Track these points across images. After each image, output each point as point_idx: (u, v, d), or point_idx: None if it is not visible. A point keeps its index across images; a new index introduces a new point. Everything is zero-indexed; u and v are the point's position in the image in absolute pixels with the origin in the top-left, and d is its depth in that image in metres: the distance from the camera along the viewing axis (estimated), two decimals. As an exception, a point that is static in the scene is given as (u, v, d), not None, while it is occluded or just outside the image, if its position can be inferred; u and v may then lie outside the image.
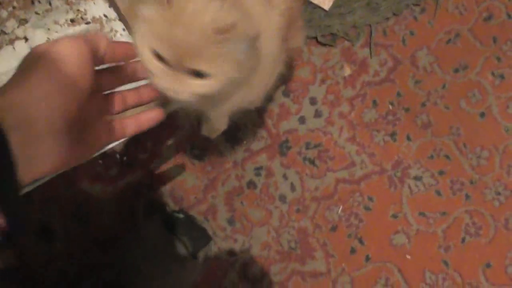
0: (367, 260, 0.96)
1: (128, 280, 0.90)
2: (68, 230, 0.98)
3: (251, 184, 0.97)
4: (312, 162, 0.99)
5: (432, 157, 0.99)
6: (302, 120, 1.00)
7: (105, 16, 1.02)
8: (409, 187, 0.98)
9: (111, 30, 1.04)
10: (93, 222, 0.99)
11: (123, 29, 1.03)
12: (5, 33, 1.03)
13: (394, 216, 0.97)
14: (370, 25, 1.01)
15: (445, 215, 0.98)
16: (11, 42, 1.03)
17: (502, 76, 1.02)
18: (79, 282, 0.95)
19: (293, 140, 0.99)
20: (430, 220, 0.97)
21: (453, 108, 1.00)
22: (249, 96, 0.61)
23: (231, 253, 0.98)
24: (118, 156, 1.01)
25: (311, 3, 0.99)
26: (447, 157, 0.99)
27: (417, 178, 0.99)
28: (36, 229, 0.99)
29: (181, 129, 0.98)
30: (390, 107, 1.00)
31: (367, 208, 0.98)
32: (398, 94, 1.01)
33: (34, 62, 0.40)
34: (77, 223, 0.97)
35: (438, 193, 0.98)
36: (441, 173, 0.99)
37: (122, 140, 0.80)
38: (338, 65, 1.01)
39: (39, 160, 0.38)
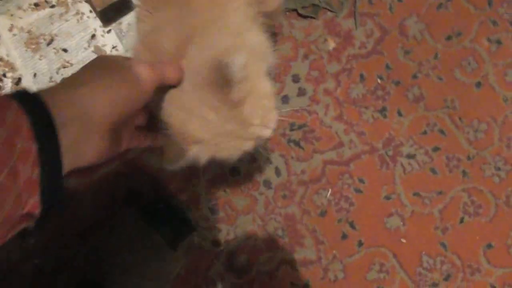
0: (360, 246, 0.90)
1: (104, 273, 0.85)
2: (41, 224, 0.93)
3: (234, 171, 0.91)
4: (297, 144, 0.92)
5: (425, 132, 0.92)
6: (285, 99, 0.93)
7: (68, -2, 0.96)
8: (402, 166, 0.91)
9: (77, 12, 0.97)
10: (69, 215, 0.94)
11: (90, 11, 0.97)
12: (-33, 21, 0.97)
13: (387, 198, 0.91)
14: (354, -6, 0.94)
15: (442, 195, 0.91)
16: (-26, 31, 0.98)
17: (498, 42, 0.94)
18: (55, 277, 0.91)
19: (276, 121, 0.92)
20: (426, 201, 0.91)
21: (446, 79, 0.93)
22: None
23: (215, 243, 0.92)
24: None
25: (289, -28, 0.92)
26: (441, 132, 0.92)
27: (410, 156, 0.92)
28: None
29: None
30: (379, 81, 0.93)
31: (358, 191, 0.91)
32: (387, 67, 0.93)
33: (106, 67, 0.45)
34: (51, 216, 0.92)
35: (433, 171, 0.91)
36: (435, 149, 0.92)
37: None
38: (321, 38, 0.94)
39: (82, 153, 0.41)
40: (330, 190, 0.91)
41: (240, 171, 0.91)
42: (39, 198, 0.36)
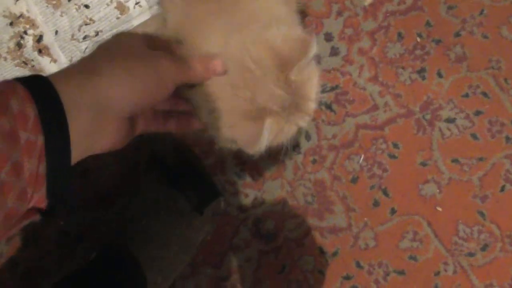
0: (393, 213, 0.86)
1: (129, 238, 0.84)
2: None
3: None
4: (328, 106, 0.87)
5: (467, 95, 0.86)
6: (316, 59, 0.88)
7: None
8: (441, 130, 0.86)
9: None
10: (92, 179, 0.92)
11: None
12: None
13: (423, 164, 0.86)
14: None
15: (482, 161, 0.85)
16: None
17: (553, -4, 0.86)
18: (79, 240, 0.90)
19: (307, 83, 0.87)
20: (465, 167, 0.85)
21: (492, 37, 0.85)
22: None
23: (242, 208, 0.89)
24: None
25: None
26: (484, 94, 0.86)
27: (449, 120, 0.86)
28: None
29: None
30: (418, 39, 0.86)
31: (392, 156, 0.86)
32: (428, 24, 0.86)
33: (127, 54, 0.41)
34: (74, 180, 0.91)
35: (474, 136, 0.85)
36: (477, 113, 0.85)
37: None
38: (357, -7, 0.87)
39: (94, 144, 0.39)
40: (362, 155, 0.86)
41: (268, 134, 0.87)
42: (45, 192, 0.34)
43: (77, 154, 0.36)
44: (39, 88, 0.34)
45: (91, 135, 0.37)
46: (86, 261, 0.85)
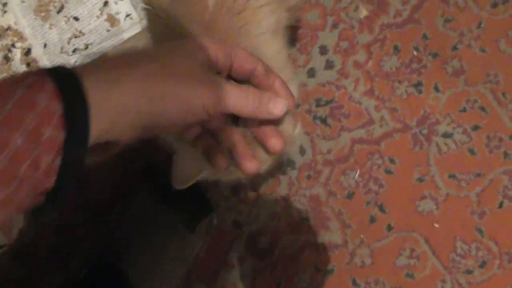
0: (389, 230, 0.84)
1: (120, 254, 0.82)
2: (56, 205, 0.90)
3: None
4: (323, 121, 0.85)
5: (464, 110, 0.84)
6: (311, 72, 0.86)
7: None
8: (438, 145, 0.84)
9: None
10: (83, 193, 0.90)
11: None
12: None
13: (420, 180, 0.84)
14: (390, -45, 0.84)
15: (480, 177, 0.83)
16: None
17: (551, 9, 0.84)
18: (69, 257, 0.88)
19: (301, 97, 0.85)
20: (462, 183, 0.84)
21: (490, 51, 0.83)
22: None
23: (236, 224, 0.87)
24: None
25: None
26: (482, 109, 0.84)
27: (447, 135, 0.84)
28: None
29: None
30: (415, 52, 0.84)
31: (388, 172, 0.84)
32: (424, 37, 0.84)
33: (170, 69, 0.40)
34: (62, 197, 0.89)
35: (472, 151, 0.84)
36: (475, 128, 0.84)
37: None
38: (352, 5, 0.85)
39: (110, 142, 0.39)
40: (358, 170, 0.85)
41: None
42: (54, 184, 0.34)
43: (91, 151, 0.37)
44: (68, 83, 0.34)
45: (107, 135, 0.37)
46: (76, 279, 0.84)
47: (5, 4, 0.87)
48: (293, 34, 0.84)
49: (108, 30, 0.86)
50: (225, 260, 0.87)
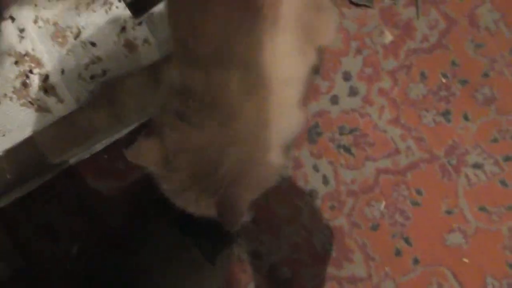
0: (416, 263, 0.81)
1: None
2: (72, 229, 0.89)
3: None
4: (347, 150, 0.83)
5: (496, 140, 0.80)
6: (334, 99, 0.83)
7: (94, -15, 0.88)
8: (467, 177, 0.80)
9: (105, 2, 0.89)
10: (99, 221, 0.89)
11: (119, 1, 0.88)
12: (-11, 12, 0.91)
13: (448, 212, 0.81)
14: (416, -22, 0.81)
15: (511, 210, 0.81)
16: (-3, 23, 0.91)
17: None
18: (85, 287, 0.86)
19: (324, 125, 0.83)
20: (493, 216, 0.80)
21: (523, 78, 0.80)
22: None
23: (256, 255, 0.85)
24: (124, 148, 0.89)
25: (343, -46, 0.80)
26: (514, 138, 0.81)
27: (476, 166, 0.80)
28: (39, 228, 0.91)
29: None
30: (443, 80, 0.81)
31: (415, 204, 0.81)
32: (453, 63, 0.81)
33: None
34: (82, 222, 0.87)
35: (504, 183, 0.80)
36: (507, 159, 0.80)
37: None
38: (377, 30, 0.82)
39: None
40: (383, 202, 0.82)
41: (283, 178, 0.83)
42: None
43: None
44: None
45: None
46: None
47: (22, 30, 0.86)
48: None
49: (126, 56, 0.85)
50: (245, 292, 0.85)
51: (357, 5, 0.81)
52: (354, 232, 0.82)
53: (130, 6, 0.83)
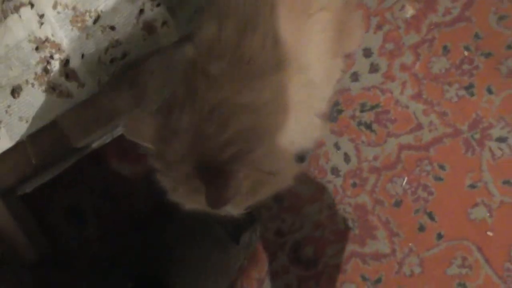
0: (439, 239, 0.81)
1: (163, 267, 0.81)
2: (98, 212, 0.90)
3: (297, 156, 0.83)
4: (369, 127, 0.82)
5: (520, 112, 0.79)
6: (354, 76, 0.82)
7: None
8: (491, 150, 0.79)
9: (122, -13, 0.88)
10: (124, 203, 0.89)
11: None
12: (8, -1, 0.90)
13: (472, 187, 0.80)
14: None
15: (537, 182, 0.79)
16: (16, 9, 0.90)
17: None
18: (112, 268, 0.88)
19: (345, 102, 0.81)
20: (518, 190, 0.80)
21: (548, 49, 0.79)
22: None
23: (279, 233, 0.85)
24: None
25: None
26: (539, 110, 0.79)
27: (501, 140, 0.79)
28: (65, 212, 0.92)
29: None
30: (466, 53, 0.79)
31: (438, 179, 0.80)
32: (476, 36, 0.79)
33: None
34: (107, 204, 0.88)
35: (528, 156, 0.79)
36: (532, 131, 0.79)
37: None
38: (398, 4, 0.81)
39: None
40: (406, 178, 0.81)
41: (305, 157, 0.83)
42: None
43: None
44: None
45: None
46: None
47: (41, 16, 0.86)
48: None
49: (145, 39, 0.84)
50: (270, 270, 0.85)
51: (376, -21, 0.80)
52: (377, 209, 0.81)
53: (148, -13, 0.82)
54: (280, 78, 0.48)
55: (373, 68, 0.80)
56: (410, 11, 0.79)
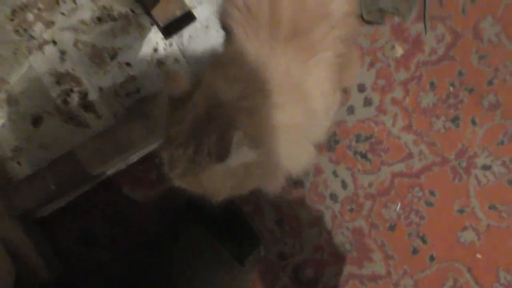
0: (432, 260, 0.86)
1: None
2: (110, 235, 0.95)
3: (298, 183, 0.89)
4: (364, 156, 0.88)
5: (502, 142, 0.86)
6: (350, 110, 0.89)
7: (132, 11, 0.95)
8: (477, 178, 0.86)
9: (139, 25, 0.96)
10: (135, 227, 0.94)
11: (151, 24, 0.96)
12: (33, 37, 0.97)
13: (461, 211, 0.86)
14: (423, -4, 0.88)
15: (520, 208, 0.85)
16: (40, 47, 0.98)
17: None
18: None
19: (342, 133, 0.89)
20: (503, 214, 0.85)
21: (526, 85, 0.86)
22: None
23: (281, 256, 0.90)
24: (157, 160, 0.95)
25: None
26: (520, 141, 0.86)
27: (485, 168, 0.86)
28: (79, 235, 0.97)
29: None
30: (451, 88, 0.87)
31: (429, 204, 0.86)
32: (460, 73, 0.87)
33: None
34: (119, 228, 0.93)
35: (511, 182, 0.86)
36: (513, 160, 0.86)
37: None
38: (388, 45, 0.89)
39: None
40: (399, 203, 0.87)
41: (305, 184, 0.89)
42: None
43: None
44: None
45: None
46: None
47: (63, 53, 0.93)
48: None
49: (158, 75, 0.92)
50: (272, 291, 0.89)
51: (369, 22, 0.88)
52: (373, 233, 0.87)
53: (162, 29, 0.90)
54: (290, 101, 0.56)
55: (367, 102, 0.87)
56: (399, 51, 0.87)
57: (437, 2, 0.87)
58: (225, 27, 0.63)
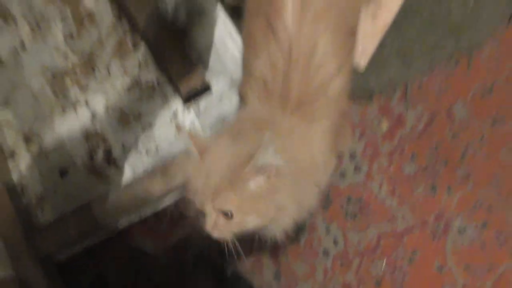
0: (414, 316, 0.94)
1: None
2: (121, 283, 1.01)
3: (294, 239, 0.99)
4: (354, 216, 0.99)
5: (475, 207, 0.98)
6: (342, 175, 1.02)
7: (157, 79, 1.09)
8: (453, 240, 0.97)
9: (162, 93, 1.10)
10: (145, 276, 1.02)
11: (174, 91, 1.10)
12: (68, 99, 1.11)
13: (439, 270, 0.95)
14: (406, 81, 1.04)
15: (492, 269, 0.95)
16: (74, 106, 1.11)
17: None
18: None
19: (335, 195, 1.00)
20: (477, 274, 0.95)
21: (493, 158, 0.99)
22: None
23: (277, 306, 0.98)
24: (168, 212, 1.04)
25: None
26: (489, 208, 0.98)
27: (460, 231, 0.97)
28: (93, 281, 1.03)
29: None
30: (429, 160, 1.01)
31: (411, 262, 0.96)
32: (436, 147, 1.01)
33: None
34: (130, 276, 1.01)
35: (483, 245, 0.96)
36: (484, 225, 0.97)
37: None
38: (375, 120, 1.03)
39: None
40: (385, 260, 0.96)
41: (300, 239, 0.99)
42: None
43: None
44: None
45: None
46: None
47: (94, 114, 1.07)
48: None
49: (175, 136, 1.05)
50: None
51: (359, 100, 1.03)
52: (361, 287, 0.95)
53: (183, 97, 1.03)
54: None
55: (357, 169, 1.00)
56: (385, 126, 1.01)
57: (416, 86, 1.02)
58: (241, 94, 0.76)
